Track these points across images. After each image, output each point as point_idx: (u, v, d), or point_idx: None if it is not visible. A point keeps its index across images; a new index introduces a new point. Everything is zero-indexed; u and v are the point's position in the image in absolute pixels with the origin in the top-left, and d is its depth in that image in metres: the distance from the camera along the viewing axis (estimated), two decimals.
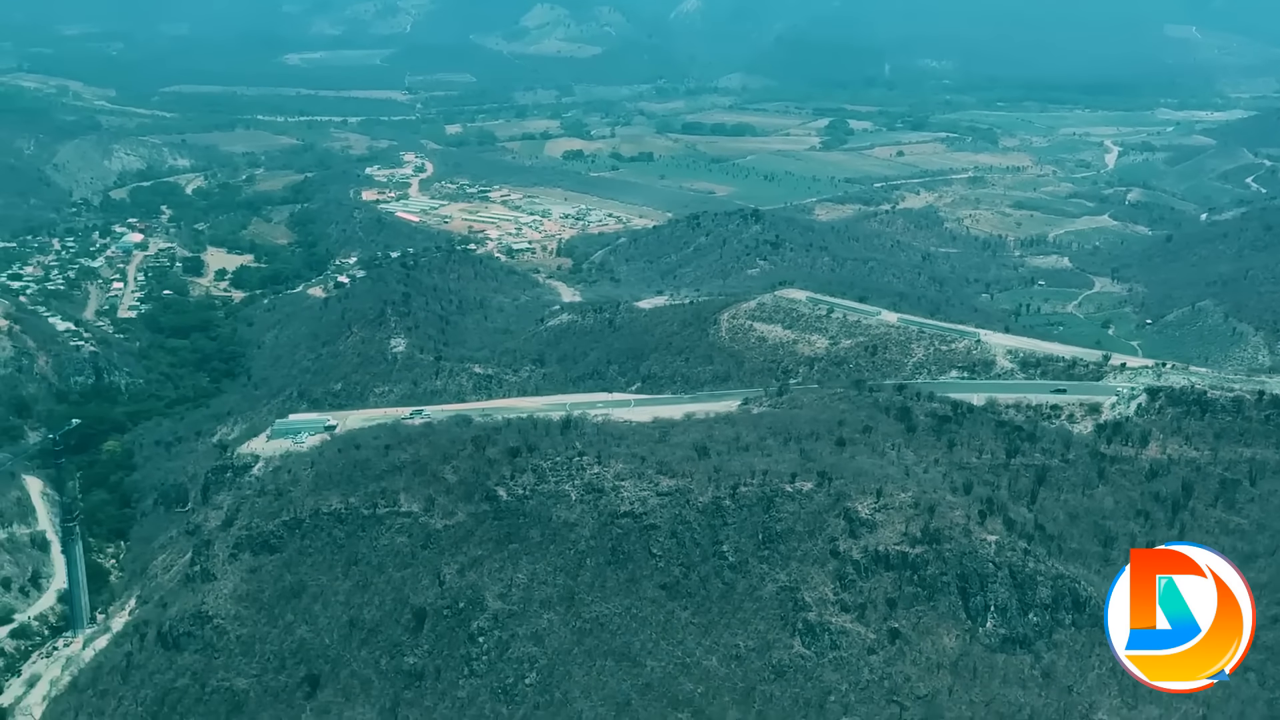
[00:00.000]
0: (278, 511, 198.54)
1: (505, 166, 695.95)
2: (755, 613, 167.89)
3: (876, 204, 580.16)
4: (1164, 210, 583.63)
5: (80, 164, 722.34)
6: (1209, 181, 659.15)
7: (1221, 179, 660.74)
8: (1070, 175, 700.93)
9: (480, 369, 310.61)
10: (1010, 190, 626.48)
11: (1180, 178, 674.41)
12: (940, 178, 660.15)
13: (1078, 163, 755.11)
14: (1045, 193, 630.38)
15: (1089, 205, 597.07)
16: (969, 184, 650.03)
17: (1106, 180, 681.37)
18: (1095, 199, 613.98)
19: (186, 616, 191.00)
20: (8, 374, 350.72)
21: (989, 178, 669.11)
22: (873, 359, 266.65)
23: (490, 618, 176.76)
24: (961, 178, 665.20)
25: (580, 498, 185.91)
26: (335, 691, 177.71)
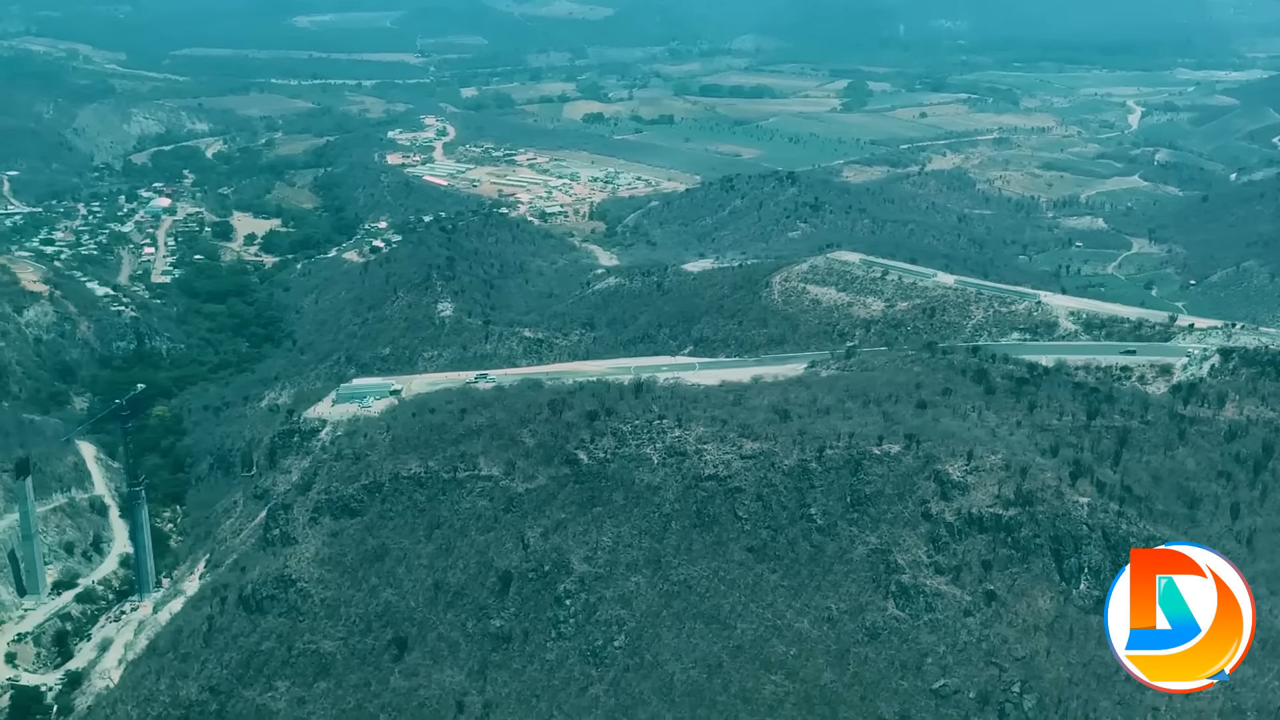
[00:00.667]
0: (356, 475, 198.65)
1: (527, 130, 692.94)
2: (846, 575, 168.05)
3: (904, 166, 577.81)
4: (1193, 170, 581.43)
5: (100, 128, 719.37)
6: (1235, 142, 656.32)
7: (1248, 139, 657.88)
8: (1095, 136, 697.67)
9: (530, 333, 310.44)
10: (1038, 151, 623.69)
11: (1206, 138, 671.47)
12: (965, 139, 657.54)
13: (1101, 123, 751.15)
14: (1073, 154, 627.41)
15: (1117, 166, 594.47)
16: (994, 145, 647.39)
17: (1132, 141, 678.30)
18: (1123, 160, 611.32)
19: (269, 580, 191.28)
20: (50, 340, 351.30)
21: (1014, 139, 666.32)
22: (931, 321, 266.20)
23: (576, 581, 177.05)
24: (987, 139, 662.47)
25: (662, 461, 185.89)
26: (423, 654, 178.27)
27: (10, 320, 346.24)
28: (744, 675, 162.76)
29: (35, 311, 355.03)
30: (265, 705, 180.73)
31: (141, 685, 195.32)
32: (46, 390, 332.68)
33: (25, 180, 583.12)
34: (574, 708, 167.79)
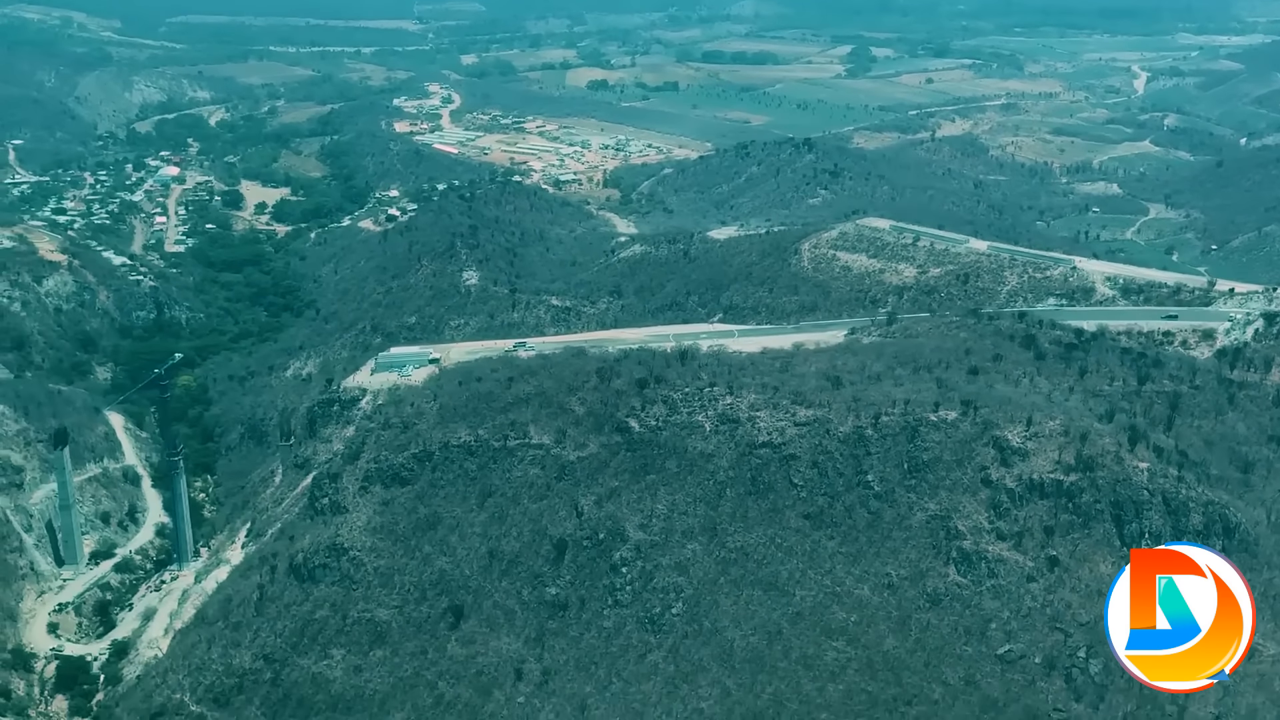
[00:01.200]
0: (406, 444, 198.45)
1: (534, 97, 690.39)
2: (905, 541, 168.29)
3: (914, 132, 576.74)
4: (1203, 136, 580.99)
5: (101, 96, 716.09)
6: (1243, 106, 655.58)
7: (1256, 104, 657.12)
8: (1102, 101, 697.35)
9: (557, 301, 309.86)
10: (1047, 117, 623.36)
11: (1214, 103, 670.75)
12: (974, 105, 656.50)
13: (1107, 89, 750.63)
14: (1082, 119, 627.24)
15: (1127, 131, 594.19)
16: (1003, 111, 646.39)
17: (1140, 106, 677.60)
18: (1132, 125, 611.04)
19: (321, 549, 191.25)
20: (70, 309, 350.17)
21: (1022, 104, 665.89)
22: (965, 287, 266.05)
23: (632, 548, 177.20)
24: (995, 105, 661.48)
25: (715, 428, 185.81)
26: (479, 622, 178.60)
27: (30, 290, 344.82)
28: (805, 642, 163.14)
29: (55, 281, 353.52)
30: (321, 673, 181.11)
31: (192, 654, 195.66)
32: (69, 360, 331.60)
33: (30, 149, 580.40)
34: (633, 674, 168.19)
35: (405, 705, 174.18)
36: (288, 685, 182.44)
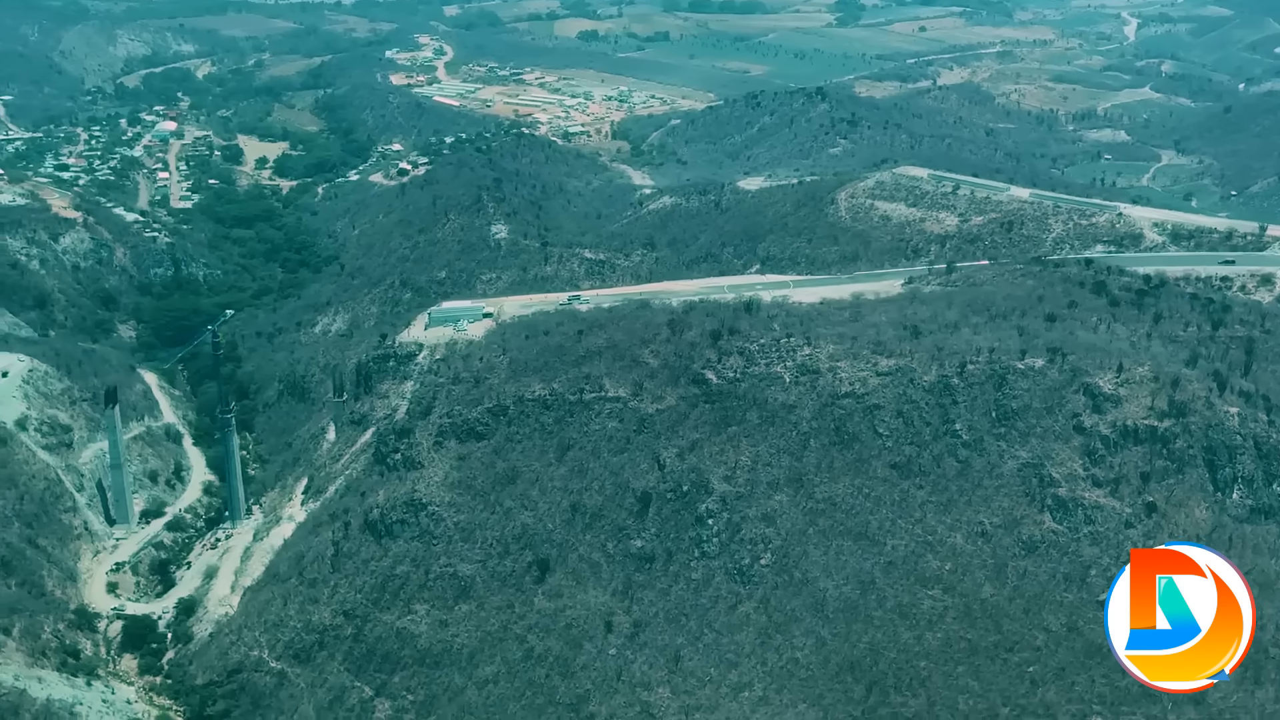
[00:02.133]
0: (479, 399, 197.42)
1: (527, 48, 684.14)
2: (997, 490, 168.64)
3: (914, 80, 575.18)
4: (1201, 82, 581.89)
5: (86, 51, 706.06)
6: (1238, 52, 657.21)
7: (1250, 49, 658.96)
8: (1095, 48, 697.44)
9: (591, 254, 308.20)
10: (1045, 65, 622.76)
11: (1208, 49, 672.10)
12: (969, 53, 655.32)
13: (1098, 35, 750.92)
14: (1079, 66, 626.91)
15: (1125, 78, 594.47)
16: (999, 59, 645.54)
17: (1133, 53, 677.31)
18: (1129, 72, 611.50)
19: (398, 505, 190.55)
20: (89, 267, 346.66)
21: (1018, 52, 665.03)
22: (1009, 235, 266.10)
23: (718, 500, 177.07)
24: (991, 52, 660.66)
25: (795, 379, 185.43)
26: (565, 575, 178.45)
27: (47, 248, 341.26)
28: (899, 591, 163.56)
29: (71, 238, 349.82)
30: (405, 628, 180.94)
31: (267, 611, 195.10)
32: (92, 318, 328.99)
33: (20, 105, 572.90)
34: (725, 625, 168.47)
35: (495, 659, 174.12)
36: (371, 640, 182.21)
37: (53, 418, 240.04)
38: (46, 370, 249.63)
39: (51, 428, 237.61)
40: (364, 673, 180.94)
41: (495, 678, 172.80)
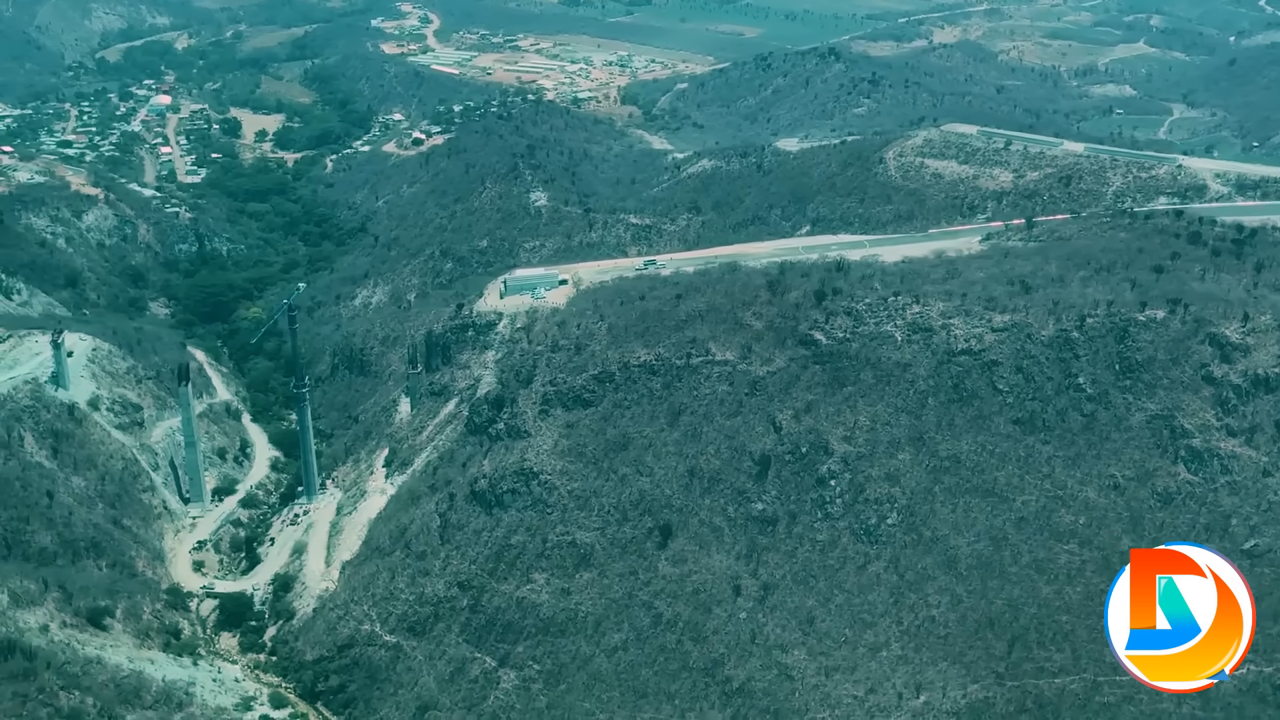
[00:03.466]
0: (583, 366, 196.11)
1: (516, 15, 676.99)
2: (1126, 442, 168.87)
3: (909, 40, 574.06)
4: (1193, 36, 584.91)
5: (62, 25, 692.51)
6: (1222, 6, 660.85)
7: (1233, 3, 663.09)
8: (1081, 4, 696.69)
9: (636, 219, 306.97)
10: (1035, 22, 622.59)
11: (1191, 3, 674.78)
12: (958, 11, 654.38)
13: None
14: (1069, 22, 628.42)
15: (1117, 33, 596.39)
16: (988, 16, 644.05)
17: (1118, 8, 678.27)
18: (1119, 27, 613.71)
19: (507, 474, 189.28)
20: (114, 244, 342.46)
21: (1005, 9, 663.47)
22: (1067, 190, 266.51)
23: (839, 461, 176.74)
24: (978, 10, 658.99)
25: (907, 338, 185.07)
26: (687, 540, 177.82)
27: (71, 225, 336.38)
28: (1034, 546, 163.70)
29: (95, 215, 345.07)
30: (526, 598, 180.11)
31: (373, 584, 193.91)
32: (124, 297, 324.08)
33: (4, 81, 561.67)
34: (855, 585, 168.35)
35: (622, 626, 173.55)
36: (490, 611, 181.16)
37: (123, 397, 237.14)
38: (110, 349, 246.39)
39: (124, 407, 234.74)
40: (484, 643, 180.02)
41: (624, 644, 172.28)
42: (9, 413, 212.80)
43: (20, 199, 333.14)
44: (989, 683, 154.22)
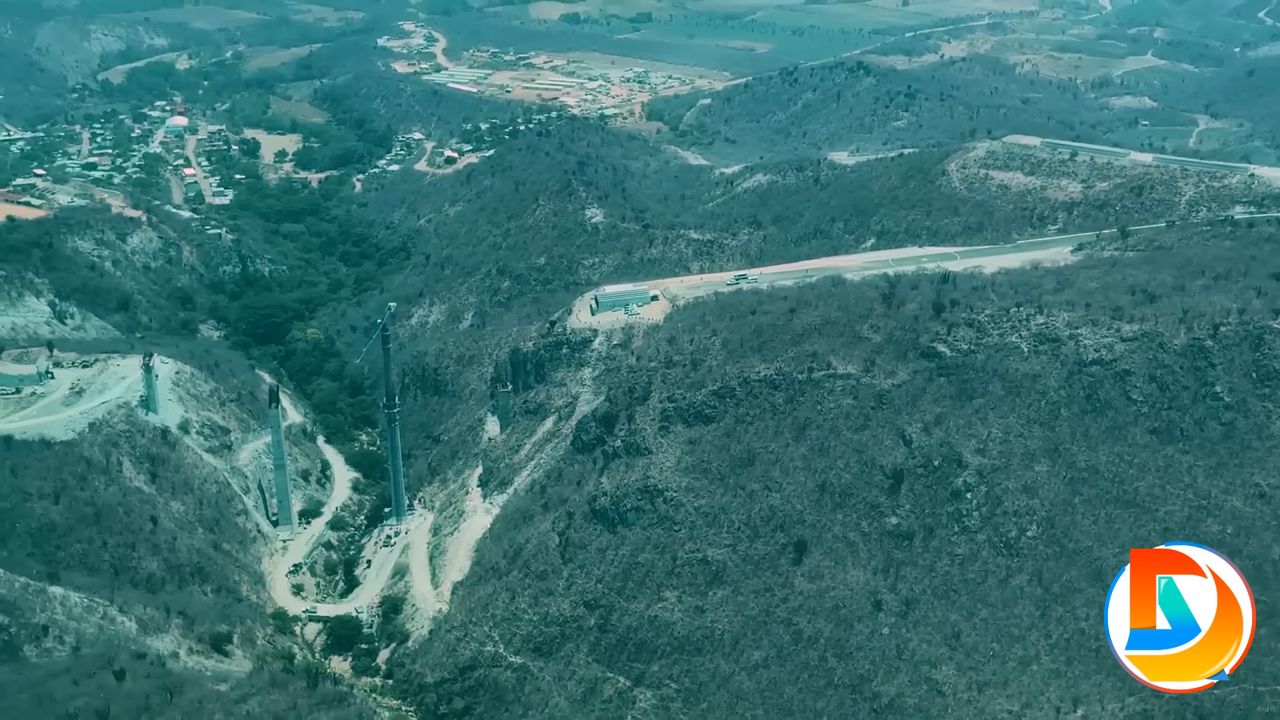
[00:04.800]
0: (701, 381, 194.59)
1: (523, 32, 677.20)
2: (1270, 450, 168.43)
3: (919, 54, 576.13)
4: (1199, 48, 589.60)
5: (62, 47, 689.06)
6: (1222, 18, 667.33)
7: (1234, 15, 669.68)
8: (1079, 18, 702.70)
9: (697, 235, 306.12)
10: (1041, 35, 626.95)
11: (1190, 16, 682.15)
12: (962, 25, 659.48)
13: (1076, 5, 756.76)
14: (1074, 35, 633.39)
15: (1123, 46, 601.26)
16: (990, 30, 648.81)
17: (1118, 21, 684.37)
18: (1124, 39, 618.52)
19: (630, 492, 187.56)
20: (159, 266, 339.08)
21: (1008, 24, 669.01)
22: (1139, 200, 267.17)
23: (974, 473, 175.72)
24: (981, 24, 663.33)
25: (1034, 349, 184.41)
26: (822, 555, 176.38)
27: (117, 248, 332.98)
28: None
29: (139, 238, 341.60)
30: (658, 616, 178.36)
31: (492, 605, 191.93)
32: (175, 319, 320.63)
33: (11, 104, 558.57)
34: (999, 599, 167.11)
35: (762, 643, 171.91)
36: (621, 630, 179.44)
37: (210, 420, 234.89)
38: (192, 372, 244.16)
39: (212, 430, 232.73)
40: (616, 663, 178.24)
41: (765, 662, 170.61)
42: (105, 438, 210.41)
43: (65, 222, 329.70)
44: (1146, 694, 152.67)
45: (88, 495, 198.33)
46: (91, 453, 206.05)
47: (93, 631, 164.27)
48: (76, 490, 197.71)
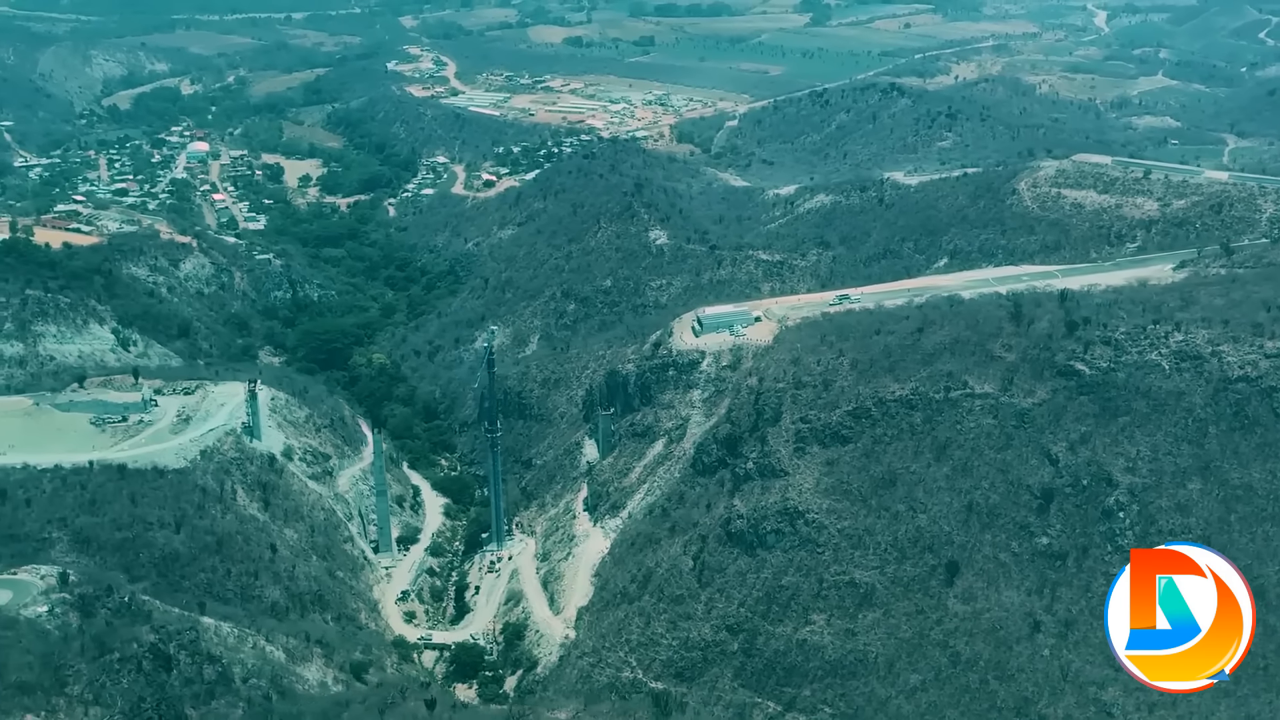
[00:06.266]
0: (834, 402, 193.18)
1: (530, 56, 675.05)
2: None
3: (931, 75, 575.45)
4: (1208, 68, 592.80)
5: (65, 73, 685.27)
6: (1223, 39, 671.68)
7: (1234, 36, 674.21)
8: (1079, 40, 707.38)
9: (766, 255, 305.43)
10: (1049, 57, 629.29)
11: (1192, 36, 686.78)
12: (968, 47, 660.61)
13: (1071, 27, 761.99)
14: (1080, 56, 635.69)
15: (1131, 67, 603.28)
16: (996, 52, 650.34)
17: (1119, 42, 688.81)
18: (1131, 60, 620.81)
19: (770, 514, 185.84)
20: (212, 293, 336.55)
21: (1012, 45, 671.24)
22: (1219, 217, 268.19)
23: (1125, 492, 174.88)
24: (986, 46, 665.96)
25: (1175, 366, 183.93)
26: (974, 576, 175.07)
27: (170, 274, 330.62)
28: None
29: (192, 264, 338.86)
30: (807, 640, 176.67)
31: (625, 630, 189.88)
32: (235, 346, 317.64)
33: (22, 130, 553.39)
34: None
35: (919, 665, 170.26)
36: (769, 655, 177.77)
37: (311, 446, 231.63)
38: (287, 398, 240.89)
39: (315, 456, 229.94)
40: (765, 687, 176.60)
41: (923, 685, 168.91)
42: (218, 465, 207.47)
43: (119, 249, 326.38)
44: None
45: (207, 524, 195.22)
46: (205, 481, 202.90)
47: (253, 662, 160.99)
48: (196, 519, 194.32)
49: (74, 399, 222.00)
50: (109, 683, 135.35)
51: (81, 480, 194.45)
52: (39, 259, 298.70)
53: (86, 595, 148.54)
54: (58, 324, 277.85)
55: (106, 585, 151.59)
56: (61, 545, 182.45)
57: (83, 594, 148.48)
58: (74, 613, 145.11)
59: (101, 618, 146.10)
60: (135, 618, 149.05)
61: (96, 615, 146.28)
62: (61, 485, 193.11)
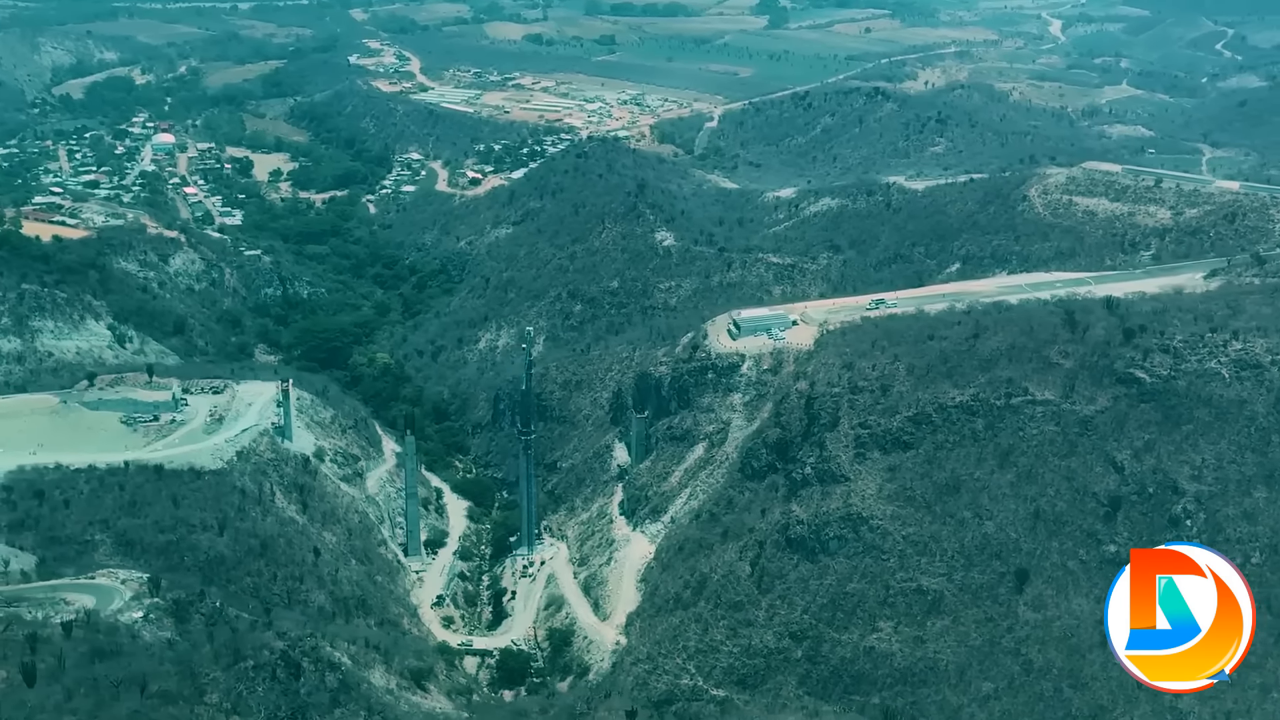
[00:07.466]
0: (894, 407, 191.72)
1: (493, 53, 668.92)
2: None
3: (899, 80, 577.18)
4: (1170, 79, 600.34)
5: (14, 61, 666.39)
6: (1180, 50, 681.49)
7: (1191, 47, 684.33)
8: (1039, 48, 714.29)
9: (776, 259, 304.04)
10: (1013, 64, 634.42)
11: (1149, 47, 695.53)
12: (931, 53, 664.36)
13: (1026, 35, 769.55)
14: (1044, 64, 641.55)
15: (1094, 76, 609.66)
16: (959, 59, 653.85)
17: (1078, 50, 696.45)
18: (1093, 69, 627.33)
19: (832, 520, 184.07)
20: (203, 289, 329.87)
21: (975, 52, 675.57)
22: (1232, 226, 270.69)
23: (1192, 500, 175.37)
24: (949, 52, 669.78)
25: (1235, 375, 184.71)
26: (1044, 584, 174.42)
27: (160, 270, 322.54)
28: None
29: (181, 260, 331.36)
30: (875, 647, 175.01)
31: (682, 636, 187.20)
32: (229, 343, 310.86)
33: None
34: None
35: (991, 673, 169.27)
36: (835, 662, 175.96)
37: (339, 447, 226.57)
38: (312, 398, 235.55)
39: (345, 458, 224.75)
40: (831, 695, 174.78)
41: (996, 693, 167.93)
42: (255, 467, 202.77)
43: (108, 243, 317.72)
44: None
45: (249, 526, 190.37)
46: (243, 482, 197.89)
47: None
48: (237, 522, 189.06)
49: (103, 397, 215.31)
50: (245, 691, 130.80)
51: (119, 481, 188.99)
52: (32, 252, 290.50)
53: (180, 601, 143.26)
54: (55, 319, 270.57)
55: (199, 591, 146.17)
56: (105, 548, 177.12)
57: (175, 599, 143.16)
58: (168, 619, 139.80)
59: (198, 623, 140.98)
60: (231, 624, 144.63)
61: (191, 621, 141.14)
62: (99, 486, 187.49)
